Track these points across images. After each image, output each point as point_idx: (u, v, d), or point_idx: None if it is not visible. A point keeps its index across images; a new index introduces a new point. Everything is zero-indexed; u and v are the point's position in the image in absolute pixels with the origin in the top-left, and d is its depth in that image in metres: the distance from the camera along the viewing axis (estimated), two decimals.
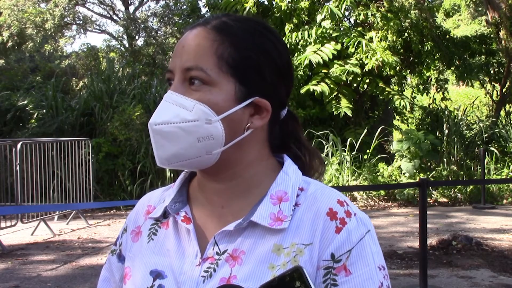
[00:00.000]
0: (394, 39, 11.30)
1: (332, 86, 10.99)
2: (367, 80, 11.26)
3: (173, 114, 0.92)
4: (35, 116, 11.47)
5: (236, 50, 0.94)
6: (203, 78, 0.92)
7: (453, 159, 11.40)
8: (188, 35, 0.97)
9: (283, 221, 0.93)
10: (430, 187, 10.04)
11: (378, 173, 10.69)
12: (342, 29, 11.55)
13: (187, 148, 0.93)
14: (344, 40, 11.00)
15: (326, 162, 10.48)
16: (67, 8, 23.37)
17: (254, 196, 0.97)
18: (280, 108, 1.02)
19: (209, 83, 0.93)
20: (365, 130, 11.17)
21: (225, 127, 0.93)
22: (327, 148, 10.68)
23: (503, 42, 13.03)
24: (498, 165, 11.43)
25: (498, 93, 13.75)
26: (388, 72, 10.95)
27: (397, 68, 11.17)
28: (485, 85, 14.62)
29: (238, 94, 0.94)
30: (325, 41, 11.13)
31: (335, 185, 9.78)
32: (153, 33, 23.88)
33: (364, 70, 10.94)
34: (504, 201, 10.49)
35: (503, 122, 12.96)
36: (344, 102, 11.01)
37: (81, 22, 25.58)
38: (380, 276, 0.92)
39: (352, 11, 12.25)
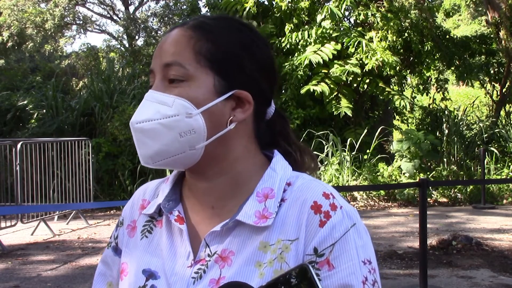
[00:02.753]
0: (394, 39, 11.30)
1: (332, 86, 10.99)
2: (367, 80, 11.27)
3: (154, 111, 0.92)
4: (35, 116, 11.48)
5: (214, 45, 0.95)
6: (182, 74, 0.93)
7: (453, 159, 11.39)
8: (166, 37, 0.98)
9: (267, 218, 0.92)
10: (430, 187, 10.04)
11: (378, 173, 10.68)
12: (342, 29, 11.55)
13: (170, 144, 0.92)
14: (344, 40, 11.00)
15: (326, 162, 10.48)
16: (67, 8, 23.38)
17: (242, 195, 0.97)
18: (265, 104, 1.02)
19: (188, 78, 0.93)
20: (365, 130, 11.17)
21: (206, 121, 0.93)
22: (327, 148, 10.68)
23: (503, 42, 13.03)
24: (498, 165, 11.42)
25: (498, 93, 13.74)
26: (388, 72, 10.95)
27: (397, 68, 11.17)
28: (485, 85, 14.61)
29: (217, 87, 0.94)
30: (325, 41, 11.13)
31: (335, 185, 9.77)
32: (153, 33, 23.88)
33: (364, 70, 10.94)
34: (504, 201, 10.49)
35: (503, 122, 12.96)
36: (344, 102, 11.01)
37: (81, 22, 25.59)
38: (365, 271, 0.90)
39: (352, 11, 12.25)
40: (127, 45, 24.78)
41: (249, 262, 0.91)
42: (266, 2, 12.29)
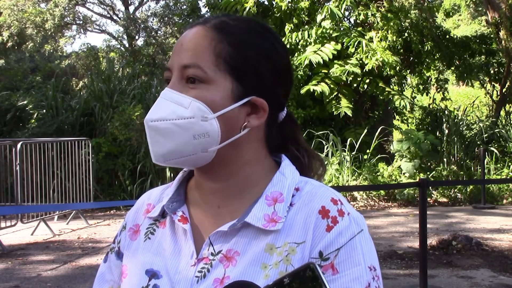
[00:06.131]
0: (394, 39, 11.30)
1: (332, 86, 10.99)
2: (367, 80, 11.26)
3: (169, 111, 0.92)
4: (35, 116, 11.47)
5: (235, 49, 0.94)
6: (200, 76, 0.93)
7: (453, 159, 11.40)
8: (187, 34, 0.97)
9: (277, 223, 0.93)
10: (430, 187, 10.04)
11: (378, 173, 10.69)
12: (342, 29, 11.55)
13: (183, 145, 0.93)
14: (344, 40, 11.00)
15: (326, 162, 10.48)
16: (67, 8, 23.36)
17: (250, 197, 0.97)
18: (278, 110, 1.02)
19: (206, 81, 0.93)
20: (365, 130, 11.17)
21: (221, 125, 0.93)
22: (327, 148, 10.68)
23: (503, 42, 13.03)
24: (498, 165, 11.42)
25: (498, 93, 13.75)
26: (388, 72, 10.95)
27: (397, 68, 11.17)
28: (485, 85, 14.62)
29: (235, 93, 0.94)
30: (325, 41, 11.13)
31: (335, 185, 9.78)
32: (153, 33, 23.89)
33: (364, 70, 10.94)
34: (504, 201, 10.49)
35: (503, 122, 12.96)
36: (344, 102, 11.02)
37: (81, 22, 25.58)
38: (369, 277, 0.90)
39: (352, 11, 12.25)
40: (127, 45, 24.78)
41: (255, 263, 0.91)
42: (266, 2, 12.29)
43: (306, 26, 11.52)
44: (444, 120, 12.06)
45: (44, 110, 11.63)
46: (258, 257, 0.91)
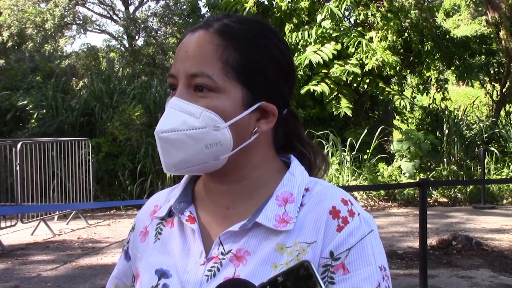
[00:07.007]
0: (394, 39, 11.30)
1: (332, 86, 10.99)
2: (367, 80, 11.27)
3: (180, 121, 0.91)
4: (35, 116, 11.47)
5: (241, 55, 0.93)
6: (210, 85, 0.91)
7: (453, 159, 11.40)
8: (190, 39, 0.95)
9: (288, 223, 0.93)
10: (430, 187, 10.04)
11: (378, 173, 10.69)
12: (342, 29, 11.55)
13: (195, 154, 0.92)
14: (344, 40, 11.00)
15: None
16: (67, 8, 23.37)
17: (260, 197, 0.97)
18: (284, 108, 1.02)
19: (216, 89, 0.92)
20: (365, 130, 11.18)
21: (232, 133, 0.92)
22: (327, 148, 10.68)
23: (503, 42, 13.03)
24: (498, 165, 11.43)
25: (498, 93, 13.75)
26: (388, 72, 10.95)
27: (397, 68, 11.17)
28: (485, 85, 14.63)
29: (245, 100, 0.93)
30: (325, 41, 11.13)
31: (335, 185, 9.77)
32: (153, 33, 23.89)
33: (364, 70, 10.94)
34: (504, 201, 10.49)
35: (503, 122, 12.97)
36: (344, 102, 11.02)
37: (81, 22, 25.58)
38: (379, 277, 0.91)
39: (352, 11, 12.25)
40: (127, 45, 24.78)
41: (265, 262, 0.91)
42: (266, 2, 12.29)
43: (306, 26, 11.51)
44: (444, 120, 12.06)
45: (44, 110, 11.63)
46: (268, 257, 0.91)
